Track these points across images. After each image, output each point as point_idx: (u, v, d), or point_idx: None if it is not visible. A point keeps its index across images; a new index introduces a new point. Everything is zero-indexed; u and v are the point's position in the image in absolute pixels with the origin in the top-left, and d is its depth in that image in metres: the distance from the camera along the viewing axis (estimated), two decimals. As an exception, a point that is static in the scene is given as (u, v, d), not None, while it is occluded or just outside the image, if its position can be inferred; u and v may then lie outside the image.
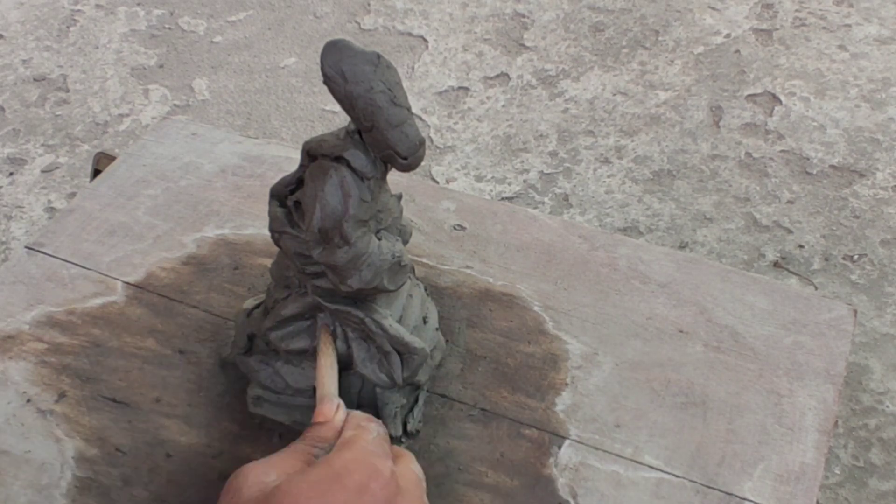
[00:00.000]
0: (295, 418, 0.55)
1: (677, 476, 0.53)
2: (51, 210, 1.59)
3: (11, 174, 1.66)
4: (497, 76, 1.82)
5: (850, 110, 1.69)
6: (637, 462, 0.54)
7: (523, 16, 1.95)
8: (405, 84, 1.72)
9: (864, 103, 1.70)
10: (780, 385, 0.58)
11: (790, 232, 1.48)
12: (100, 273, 0.65)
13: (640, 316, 0.62)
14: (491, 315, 0.62)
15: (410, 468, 0.47)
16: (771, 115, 1.69)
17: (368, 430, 0.47)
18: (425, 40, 1.91)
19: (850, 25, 1.88)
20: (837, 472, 1.18)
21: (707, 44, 1.85)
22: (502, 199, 1.55)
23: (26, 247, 0.68)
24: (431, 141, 1.68)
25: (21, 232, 1.55)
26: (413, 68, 1.84)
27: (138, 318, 0.62)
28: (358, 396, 0.54)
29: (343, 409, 0.49)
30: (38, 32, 1.99)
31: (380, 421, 0.49)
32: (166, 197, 0.71)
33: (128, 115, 1.78)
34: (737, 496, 0.52)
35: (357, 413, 0.49)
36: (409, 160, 0.48)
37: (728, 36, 1.87)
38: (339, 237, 0.48)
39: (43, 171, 1.67)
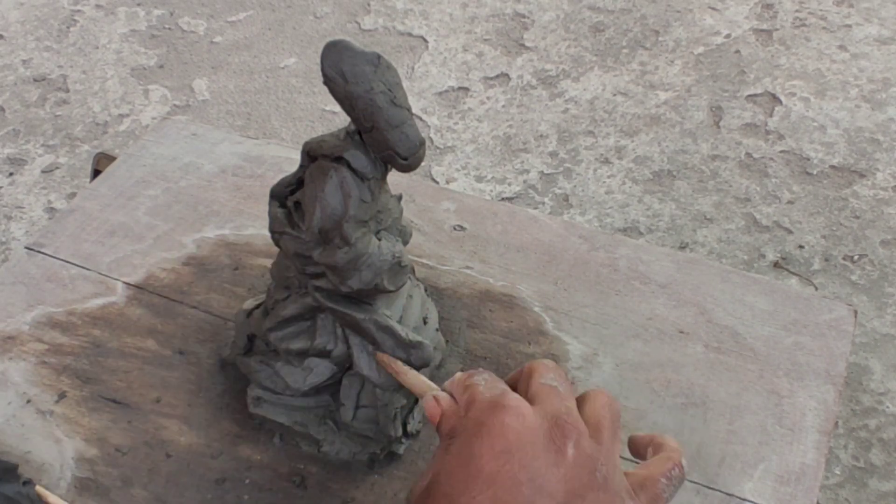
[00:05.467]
0: (295, 419, 0.55)
1: (677, 477, 0.53)
2: (51, 210, 1.59)
3: (11, 174, 1.66)
4: (497, 76, 1.82)
5: (850, 110, 1.69)
6: (637, 463, 0.54)
7: (523, 16, 1.95)
8: (405, 84, 1.72)
9: (864, 103, 1.70)
10: (780, 386, 0.58)
11: (790, 232, 1.48)
12: (100, 273, 0.65)
13: (641, 316, 0.62)
14: (491, 316, 0.62)
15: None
16: (771, 115, 1.69)
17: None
18: (425, 40, 1.91)
19: (850, 26, 1.88)
20: (838, 472, 1.18)
21: (707, 44, 1.86)
22: (502, 199, 1.55)
23: (26, 247, 0.68)
24: (431, 141, 1.68)
25: (21, 232, 1.55)
26: (413, 68, 1.84)
27: (138, 318, 0.62)
28: (358, 396, 0.54)
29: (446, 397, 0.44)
30: (38, 32, 1.99)
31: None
32: (166, 197, 0.71)
33: (128, 116, 1.78)
34: (737, 497, 0.52)
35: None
36: (409, 161, 0.48)
37: (728, 36, 1.87)
38: (340, 238, 0.48)
39: (43, 172, 1.67)
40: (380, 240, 0.51)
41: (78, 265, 0.66)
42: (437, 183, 1.58)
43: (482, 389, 0.42)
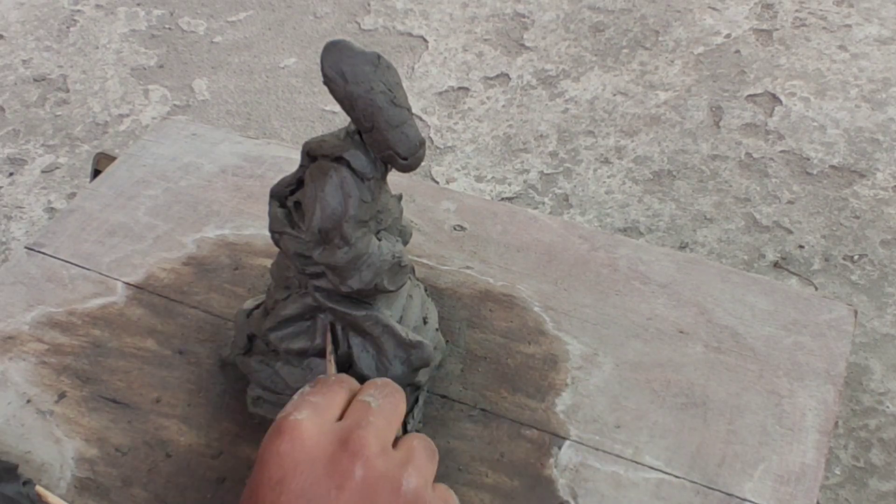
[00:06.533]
0: (295, 419, 0.55)
1: (678, 477, 0.53)
2: (51, 210, 1.59)
3: (11, 174, 1.66)
4: (497, 76, 1.82)
5: (850, 110, 1.69)
6: (637, 463, 0.54)
7: (523, 16, 1.95)
8: (405, 84, 1.72)
9: (864, 103, 1.70)
10: (780, 386, 0.58)
11: (790, 232, 1.48)
12: (100, 273, 0.65)
13: (641, 316, 0.62)
14: (491, 315, 0.62)
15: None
16: (771, 115, 1.69)
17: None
18: (425, 40, 1.91)
19: (850, 26, 1.88)
20: (838, 472, 1.18)
21: (707, 44, 1.85)
22: (502, 199, 1.55)
23: (26, 247, 0.68)
24: (431, 141, 1.68)
25: (21, 232, 1.55)
26: (413, 68, 1.84)
27: (138, 318, 0.62)
28: (358, 397, 0.54)
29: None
30: (38, 32, 1.99)
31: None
32: (166, 197, 0.71)
33: (128, 116, 1.78)
34: (737, 497, 0.52)
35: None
36: (409, 161, 0.48)
37: (728, 36, 1.87)
38: (340, 238, 0.48)
39: (43, 172, 1.67)
40: (380, 240, 0.51)
41: (78, 265, 0.66)
42: (437, 183, 1.58)
43: (288, 405, 0.39)
